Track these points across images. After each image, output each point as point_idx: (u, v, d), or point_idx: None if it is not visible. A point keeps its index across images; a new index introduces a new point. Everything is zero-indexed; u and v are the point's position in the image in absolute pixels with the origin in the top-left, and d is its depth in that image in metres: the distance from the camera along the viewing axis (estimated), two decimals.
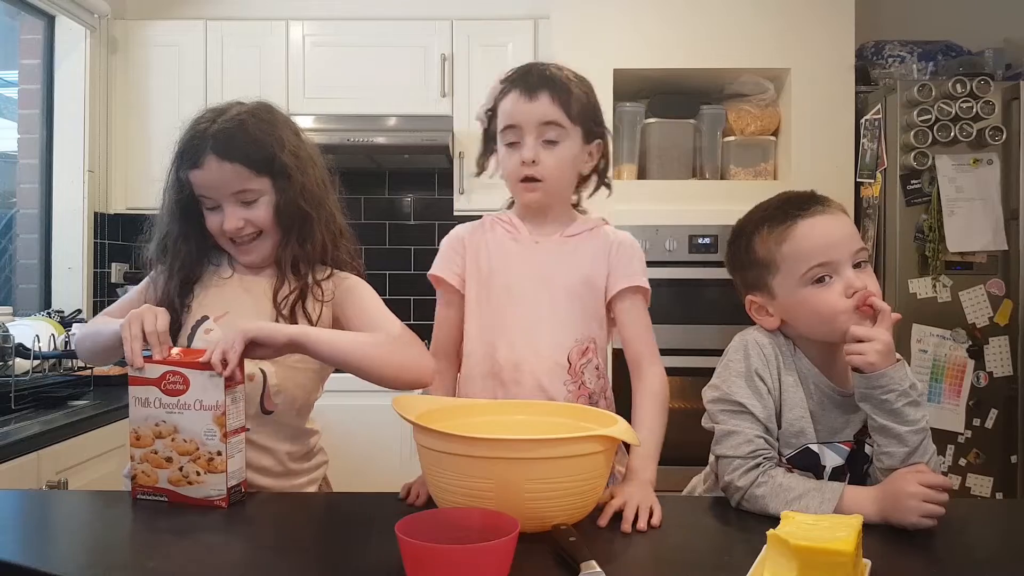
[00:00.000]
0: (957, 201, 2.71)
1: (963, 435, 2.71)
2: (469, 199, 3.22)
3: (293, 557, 1.00)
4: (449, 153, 3.18)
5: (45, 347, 2.40)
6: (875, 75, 3.14)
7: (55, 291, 3.17)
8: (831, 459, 1.21)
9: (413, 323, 1.39)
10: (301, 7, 3.38)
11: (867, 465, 1.22)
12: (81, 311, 3.08)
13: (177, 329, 1.33)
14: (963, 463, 2.71)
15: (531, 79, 1.33)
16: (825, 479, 1.20)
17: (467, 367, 1.41)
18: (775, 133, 3.11)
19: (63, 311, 3.01)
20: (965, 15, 3.37)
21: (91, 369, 2.44)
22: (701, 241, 2.90)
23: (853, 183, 2.97)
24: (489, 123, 1.40)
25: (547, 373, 1.36)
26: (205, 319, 1.34)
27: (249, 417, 1.28)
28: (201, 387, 1.16)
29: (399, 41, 3.24)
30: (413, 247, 3.65)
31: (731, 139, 3.10)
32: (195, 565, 0.98)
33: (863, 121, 2.96)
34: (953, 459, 2.70)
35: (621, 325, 1.38)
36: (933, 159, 2.71)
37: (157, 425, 1.18)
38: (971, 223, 2.70)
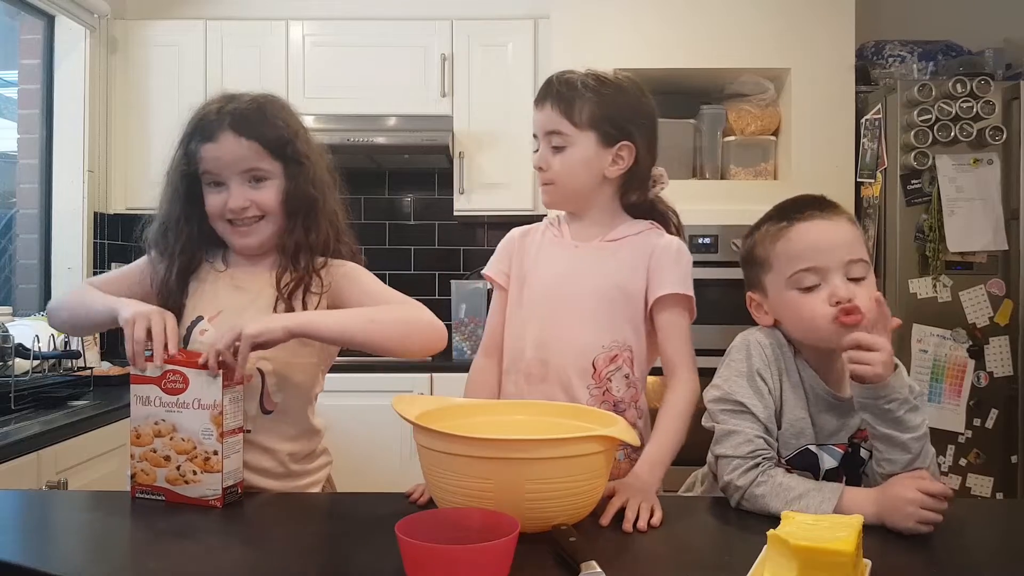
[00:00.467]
0: (957, 201, 2.71)
1: (963, 435, 2.71)
2: (469, 199, 3.22)
3: (292, 557, 1.00)
4: (449, 153, 3.18)
5: (45, 347, 2.40)
6: (875, 75, 3.14)
7: (55, 291, 3.16)
8: (827, 461, 1.21)
9: None
10: (301, 7, 3.38)
11: (862, 467, 1.23)
12: None
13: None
14: (963, 463, 2.71)
15: (542, 90, 1.40)
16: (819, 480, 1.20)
17: (504, 363, 1.46)
18: (775, 133, 3.11)
19: None
20: (965, 15, 3.37)
21: (91, 369, 2.44)
22: (701, 241, 2.90)
23: (853, 183, 2.97)
24: None
25: (571, 376, 1.37)
26: (200, 319, 1.34)
27: (249, 418, 1.28)
28: (200, 386, 1.17)
29: (399, 41, 3.25)
30: (413, 247, 3.65)
31: (731, 139, 3.10)
32: (195, 565, 0.98)
33: (863, 121, 2.96)
34: (953, 459, 2.70)
35: (659, 333, 1.38)
36: (933, 159, 2.71)
37: (157, 424, 1.19)
38: (971, 223, 2.70)
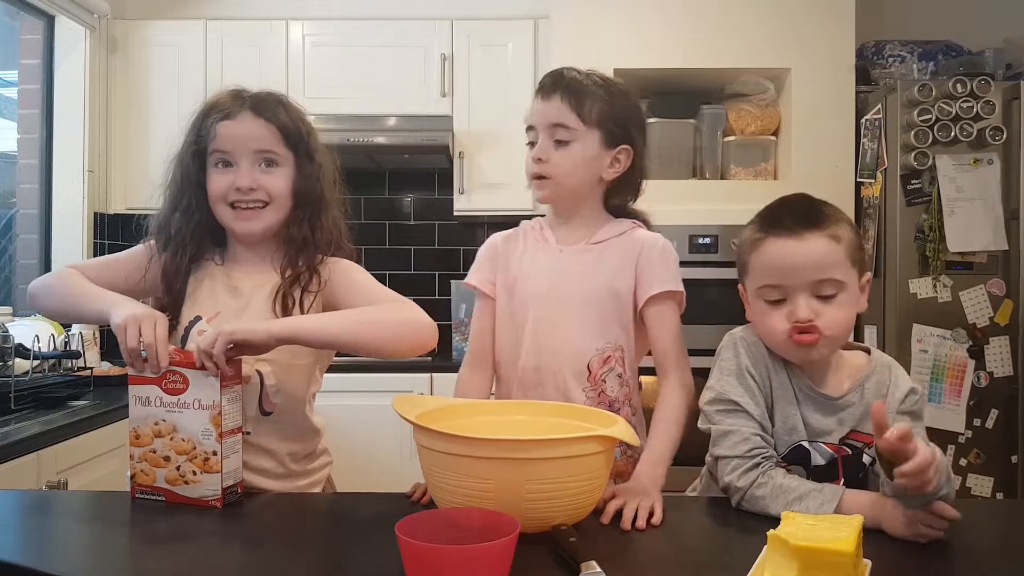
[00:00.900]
0: (957, 201, 2.71)
1: (963, 435, 2.71)
2: (469, 199, 3.22)
3: (292, 557, 1.00)
4: (449, 153, 3.18)
5: (45, 347, 2.40)
6: (875, 75, 3.14)
7: None
8: (816, 458, 1.21)
9: None
10: (301, 7, 3.38)
11: (861, 472, 1.22)
12: None
13: (172, 327, 1.32)
14: (963, 463, 2.70)
15: (549, 82, 1.38)
16: (807, 478, 1.19)
17: (499, 372, 1.45)
18: (775, 133, 3.11)
19: None
20: (965, 15, 3.37)
21: (91, 369, 2.44)
22: (701, 241, 2.90)
23: (853, 183, 2.97)
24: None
25: (566, 380, 1.37)
26: (198, 319, 1.34)
27: (249, 419, 1.28)
28: (199, 387, 1.17)
29: (399, 41, 3.25)
30: (413, 247, 3.64)
31: (731, 139, 3.09)
32: (195, 565, 0.97)
33: (863, 121, 2.95)
34: (953, 459, 2.69)
35: (649, 330, 1.39)
36: (933, 159, 2.71)
37: (157, 424, 1.19)
38: (971, 223, 2.70)
